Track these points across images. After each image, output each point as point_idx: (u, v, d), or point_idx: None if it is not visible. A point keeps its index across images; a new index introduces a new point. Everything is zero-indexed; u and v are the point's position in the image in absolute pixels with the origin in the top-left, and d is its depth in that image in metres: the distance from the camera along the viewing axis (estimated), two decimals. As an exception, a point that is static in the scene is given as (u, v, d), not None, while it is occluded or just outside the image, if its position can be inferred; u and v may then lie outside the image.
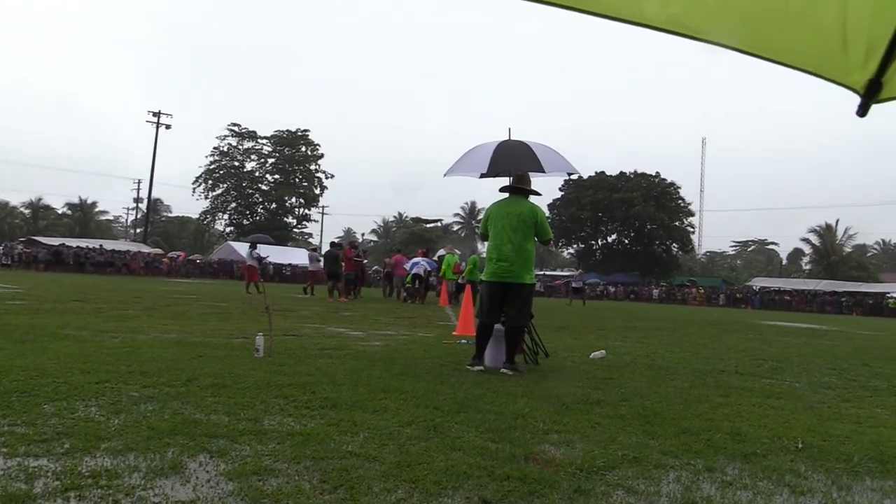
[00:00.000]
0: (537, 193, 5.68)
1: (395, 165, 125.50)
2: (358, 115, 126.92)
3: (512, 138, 5.83)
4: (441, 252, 25.84)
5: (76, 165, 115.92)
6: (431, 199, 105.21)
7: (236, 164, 61.33)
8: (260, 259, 19.39)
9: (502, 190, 5.64)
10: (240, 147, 61.54)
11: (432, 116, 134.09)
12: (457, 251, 20.23)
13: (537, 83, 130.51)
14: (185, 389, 3.72)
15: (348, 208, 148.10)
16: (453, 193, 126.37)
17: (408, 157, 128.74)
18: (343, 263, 17.66)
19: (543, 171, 5.65)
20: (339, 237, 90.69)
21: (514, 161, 5.64)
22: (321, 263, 18.67)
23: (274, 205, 62.03)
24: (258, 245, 19.55)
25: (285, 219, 63.06)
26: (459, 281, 18.10)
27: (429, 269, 20.51)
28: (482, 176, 5.74)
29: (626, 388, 4.74)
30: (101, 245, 39.61)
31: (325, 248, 24.61)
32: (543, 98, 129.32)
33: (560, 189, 62.44)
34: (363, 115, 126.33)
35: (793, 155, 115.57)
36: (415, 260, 19.67)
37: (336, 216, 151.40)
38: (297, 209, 63.42)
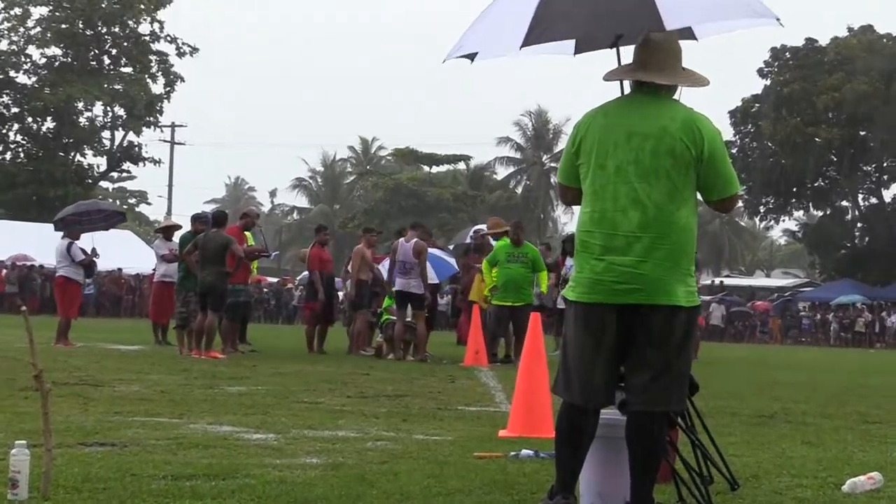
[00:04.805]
0: (703, 83, 5.66)
1: (348, 28, 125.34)
2: None
3: None
4: (473, 234, 25.98)
5: None
6: (441, 110, 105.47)
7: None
8: (90, 264, 20.73)
9: (608, 77, 5.65)
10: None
11: None
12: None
13: None
14: None
15: (237, 131, 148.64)
16: (498, 93, 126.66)
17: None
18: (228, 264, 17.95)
19: (691, 29, 5.75)
20: (212, 201, 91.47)
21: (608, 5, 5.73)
22: (175, 267, 18.90)
23: (50, 122, 62.63)
24: (80, 233, 21.01)
25: (79, 158, 63.65)
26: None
27: (436, 278, 20.58)
28: (526, 44, 5.79)
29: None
30: None
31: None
32: None
33: (760, 72, 62.08)
34: None
35: None
36: (402, 248, 19.78)
37: (205, 149, 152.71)
38: (106, 131, 63.95)
